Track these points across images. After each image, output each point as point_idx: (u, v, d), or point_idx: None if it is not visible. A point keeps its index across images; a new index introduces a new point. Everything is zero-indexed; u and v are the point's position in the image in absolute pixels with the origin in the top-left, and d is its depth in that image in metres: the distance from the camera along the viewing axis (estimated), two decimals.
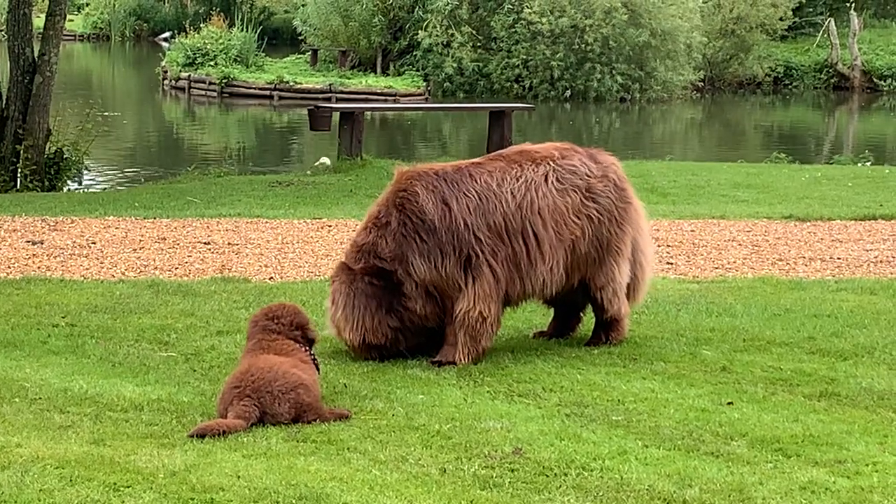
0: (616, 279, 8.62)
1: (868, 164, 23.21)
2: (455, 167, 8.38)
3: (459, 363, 8.03)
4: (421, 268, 8.05)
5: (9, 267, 11.30)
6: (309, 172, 20.46)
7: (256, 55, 42.97)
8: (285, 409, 6.73)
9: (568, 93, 41.43)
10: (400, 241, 8.09)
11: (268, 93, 40.07)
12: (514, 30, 42.01)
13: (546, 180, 8.38)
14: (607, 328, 8.73)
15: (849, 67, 47.80)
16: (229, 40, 42.33)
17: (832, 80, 48.08)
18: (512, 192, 8.26)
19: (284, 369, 6.90)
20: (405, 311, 8.14)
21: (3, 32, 22.05)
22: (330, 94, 38.72)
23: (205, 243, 12.64)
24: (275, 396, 6.74)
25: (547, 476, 6.03)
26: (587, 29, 40.72)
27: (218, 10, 51.67)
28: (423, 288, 8.10)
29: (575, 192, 8.44)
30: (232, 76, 40.55)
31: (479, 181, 8.25)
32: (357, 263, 8.17)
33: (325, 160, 21.34)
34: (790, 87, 48.07)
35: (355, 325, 8.08)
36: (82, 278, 10.84)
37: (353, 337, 8.10)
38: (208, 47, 41.83)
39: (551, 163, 8.46)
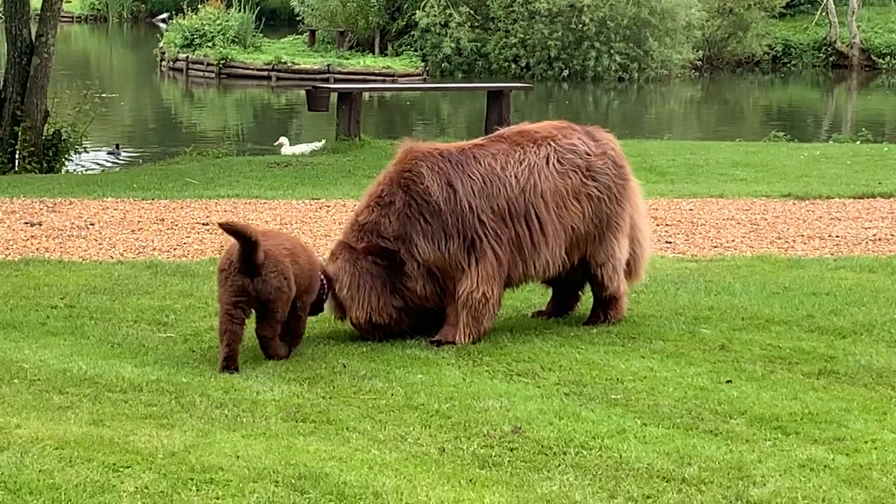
0: (616, 256, 8.62)
1: (859, 142, 23.16)
2: (459, 149, 8.36)
3: (460, 343, 8.03)
4: (425, 249, 8.05)
5: (7, 248, 11.29)
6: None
7: (254, 36, 42.90)
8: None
9: (566, 72, 41.38)
10: (404, 221, 8.08)
11: (266, 73, 40.02)
12: (511, 9, 41.95)
13: (548, 162, 8.37)
14: (606, 306, 8.73)
15: (847, 45, 47.75)
16: (227, 21, 42.27)
17: (831, 59, 48.05)
18: (515, 176, 8.25)
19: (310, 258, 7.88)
20: (406, 291, 8.14)
21: (0, 14, 22.00)
22: (328, 75, 38.66)
23: (203, 224, 12.63)
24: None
25: (546, 455, 6.04)
26: (585, 9, 40.64)
27: None
28: (425, 268, 8.10)
29: (575, 172, 8.45)
30: (230, 57, 40.50)
31: (483, 164, 8.24)
32: (359, 242, 8.16)
33: (283, 140, 21.55)
34: (789, 65, 48.02)
35: (361, 305, 8.07)
36: (81, 259, 10.83)
37: (360, 315, 8.08)
38: (206, 28, 41.77)
39: (552, 143, 8.46)
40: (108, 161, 23.05)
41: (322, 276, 8.01)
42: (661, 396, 6.97)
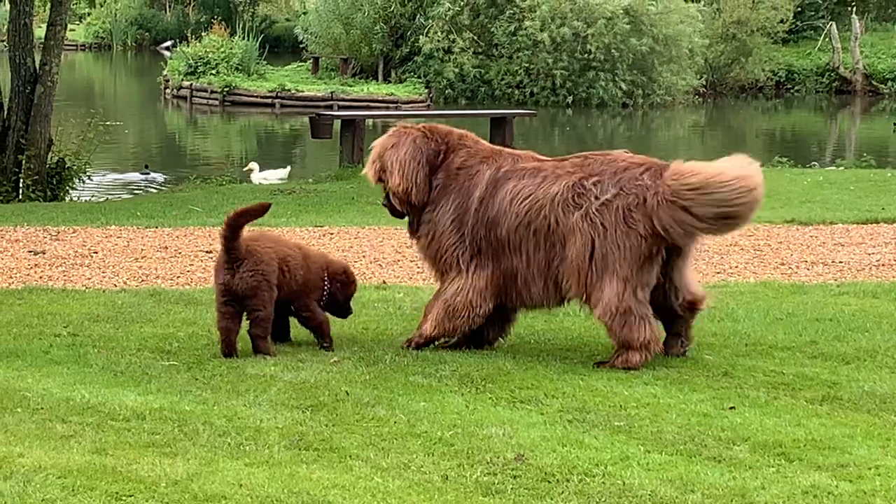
0: (611, 301, 8.17)
1: (843, 168, 23.15)
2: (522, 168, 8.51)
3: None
4: (441, 209, 8.51)
5: (11, 277, 11.31)
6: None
7: (258, 63, 43.01)
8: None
9: (570, 99, 41.43)
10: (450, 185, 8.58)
11: (269, 101, 40.11)
12: (515, 37, 42.05)
13: (561, 195, 8.29)
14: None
15: (851, 71, 47.83)
16: (231, 49, 42.39)
17: (834, 84, 48.12)
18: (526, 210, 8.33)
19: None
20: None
21: (4, 42, 22.08)
22: (331, 102, 38.74)
23: (207, 252, 12.64)
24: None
25: (549, 482, 6.03)
26: (589, 38, 40.72)
27: (219, 18, 51.73)
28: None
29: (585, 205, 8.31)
30: (234, 84, 40.59)
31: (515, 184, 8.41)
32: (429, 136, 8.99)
33: (254, 165, 21.89)
34: (792, 91, 48.10)
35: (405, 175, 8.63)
36: (84, 288, 10.85)
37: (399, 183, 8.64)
38: (210, 56, 41.88)
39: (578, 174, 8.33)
40: (148, 184, 23.57)
41: (326, 276, 8.64)
42: (664, 423, 6.96)
